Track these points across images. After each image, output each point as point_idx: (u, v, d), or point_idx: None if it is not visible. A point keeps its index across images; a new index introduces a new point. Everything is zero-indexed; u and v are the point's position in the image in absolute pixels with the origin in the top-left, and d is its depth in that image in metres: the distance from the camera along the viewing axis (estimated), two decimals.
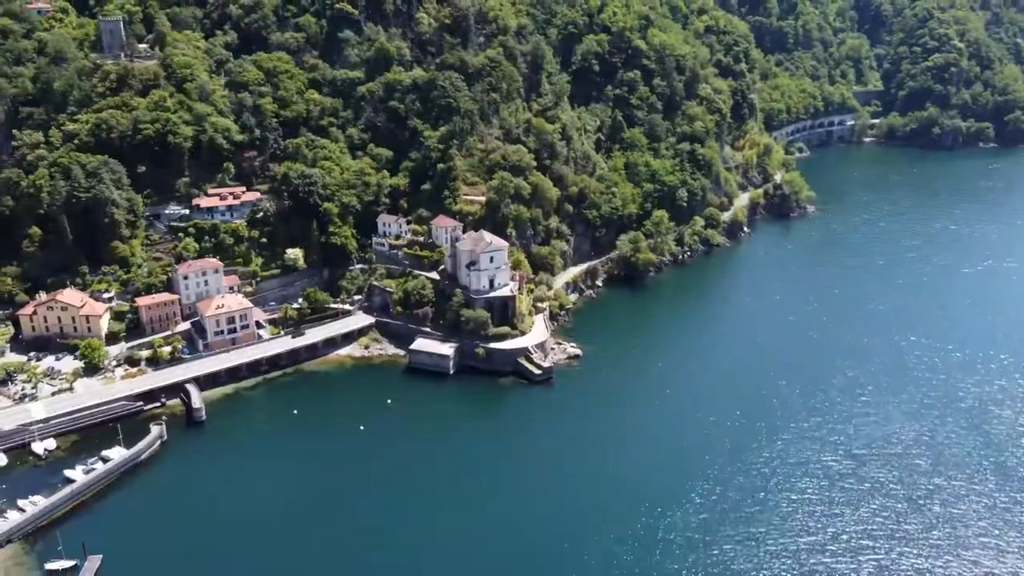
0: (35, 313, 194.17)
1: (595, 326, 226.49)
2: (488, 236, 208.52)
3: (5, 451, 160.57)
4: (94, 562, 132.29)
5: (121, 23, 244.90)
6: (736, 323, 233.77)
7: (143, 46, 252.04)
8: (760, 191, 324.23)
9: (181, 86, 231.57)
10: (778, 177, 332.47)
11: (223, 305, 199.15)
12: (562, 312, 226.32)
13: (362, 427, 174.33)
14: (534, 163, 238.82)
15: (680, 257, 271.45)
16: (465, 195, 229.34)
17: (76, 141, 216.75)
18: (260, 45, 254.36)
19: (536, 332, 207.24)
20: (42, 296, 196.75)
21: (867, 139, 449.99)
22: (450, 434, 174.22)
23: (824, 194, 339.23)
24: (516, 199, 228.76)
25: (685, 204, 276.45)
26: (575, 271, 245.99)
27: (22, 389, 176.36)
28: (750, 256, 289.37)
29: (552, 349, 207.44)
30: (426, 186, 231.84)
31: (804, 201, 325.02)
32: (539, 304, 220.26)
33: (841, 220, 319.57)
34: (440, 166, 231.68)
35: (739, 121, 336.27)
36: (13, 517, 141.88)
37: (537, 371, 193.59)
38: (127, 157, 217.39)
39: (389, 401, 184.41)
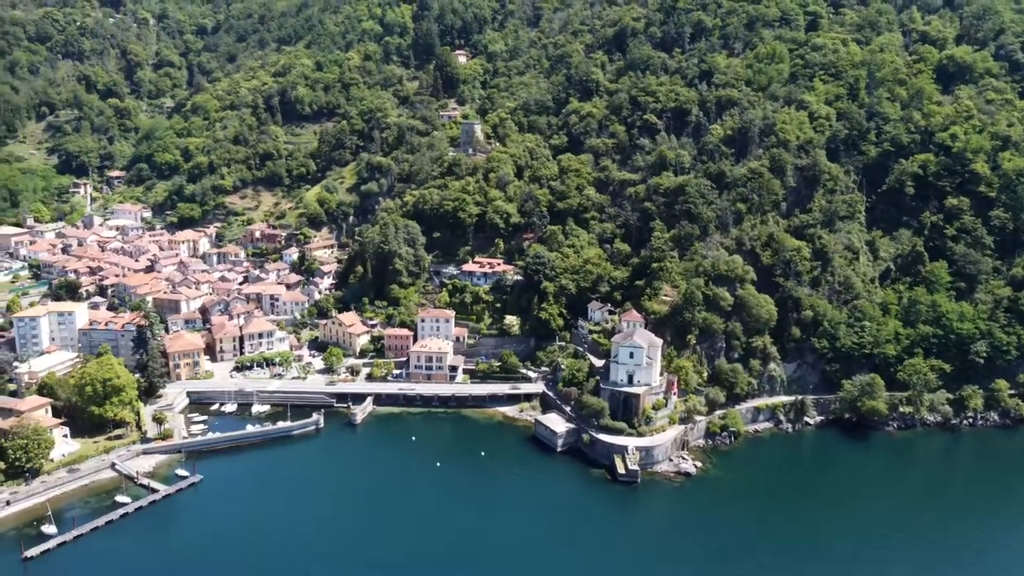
0: (326, 325, 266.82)
1: (756, 462, 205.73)
2: (639, 334, 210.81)
3: (239, 404, 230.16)
4: (195, 479, 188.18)
5: (475, 126, 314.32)
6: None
7: (497, 144, 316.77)
8: None
9: (487, 175, 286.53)
10: None
11: (426, 346, 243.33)
12: (722, 432, 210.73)
13: (438, 463, 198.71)
14: (751, 276, 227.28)
15: (955, 422, 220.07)
16: (664, 295, 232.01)
17: (404, 208, 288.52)
18: (580, 147, 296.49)
19: (660, 438, 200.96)
20: (335, 314, 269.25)
21: None
22: (487, 493, 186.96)
23: None
24: (713, 309, 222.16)
25: (983, 360, 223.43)
26: (780, 399, 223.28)
27: (277, 370, 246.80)
28: None
29: (669, 459, 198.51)
30: (639, 281, 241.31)
31: None
32: (695, 416, 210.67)
33: None
34: (655, 264, 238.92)
35: None
36: (197, 439, 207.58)
37: (621, 471, 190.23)
38: (431, 224, 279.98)
39: (483, 453, 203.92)
